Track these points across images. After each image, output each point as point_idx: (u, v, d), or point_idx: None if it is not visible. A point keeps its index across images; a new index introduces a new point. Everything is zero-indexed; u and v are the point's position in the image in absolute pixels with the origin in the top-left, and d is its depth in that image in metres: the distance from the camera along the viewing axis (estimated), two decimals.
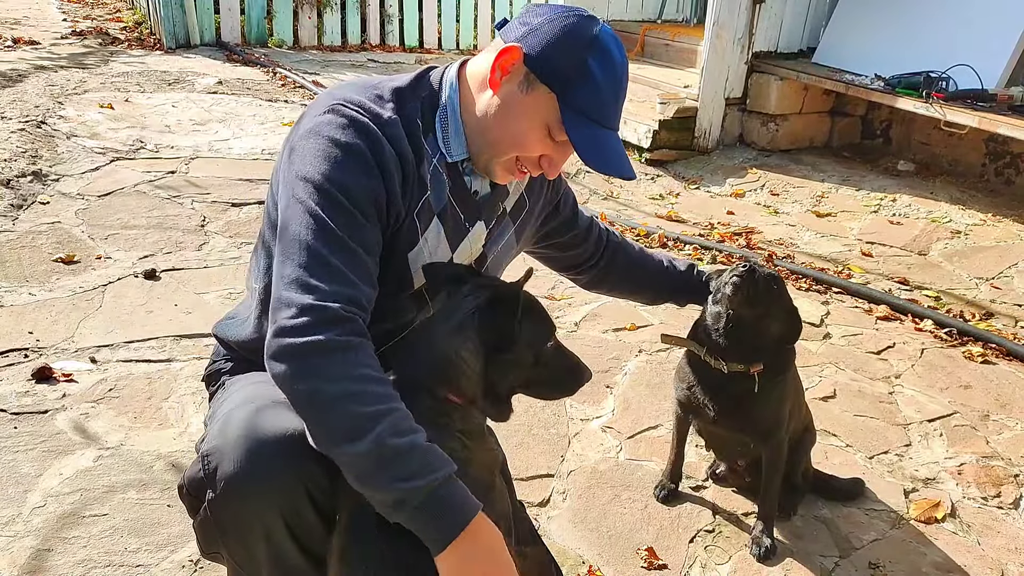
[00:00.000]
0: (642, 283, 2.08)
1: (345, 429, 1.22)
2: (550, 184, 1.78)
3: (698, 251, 4.17)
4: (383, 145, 1.37)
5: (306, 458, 1.30)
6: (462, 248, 1.56)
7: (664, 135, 5.55)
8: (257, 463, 1.28)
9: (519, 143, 1.44)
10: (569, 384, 1.53)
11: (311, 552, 1.39)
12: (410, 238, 1.47)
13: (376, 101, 1.42)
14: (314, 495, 1.34)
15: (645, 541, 2.18)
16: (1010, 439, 2.77)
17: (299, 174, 1.36)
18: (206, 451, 1.33)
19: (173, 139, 5.02)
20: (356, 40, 8.28)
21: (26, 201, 3.90)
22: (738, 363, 2.01)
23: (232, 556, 1.38)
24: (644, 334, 3.26)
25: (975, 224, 4.69)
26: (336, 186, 1.33)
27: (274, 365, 1.27)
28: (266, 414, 1.34)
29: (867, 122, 6.03)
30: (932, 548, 2.23)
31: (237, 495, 1.29)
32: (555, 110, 1.39)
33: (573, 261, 1.98)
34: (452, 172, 1.50)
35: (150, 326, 3.00)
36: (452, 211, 1.52)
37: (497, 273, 1.73)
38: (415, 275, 1.50)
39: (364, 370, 1.26)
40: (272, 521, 1.31)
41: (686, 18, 7.44)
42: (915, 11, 5.31)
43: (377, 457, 1.21)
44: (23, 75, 5.91)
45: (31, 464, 2.26)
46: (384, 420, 1.23)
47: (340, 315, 1.27)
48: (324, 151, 1.35)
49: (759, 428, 2.11)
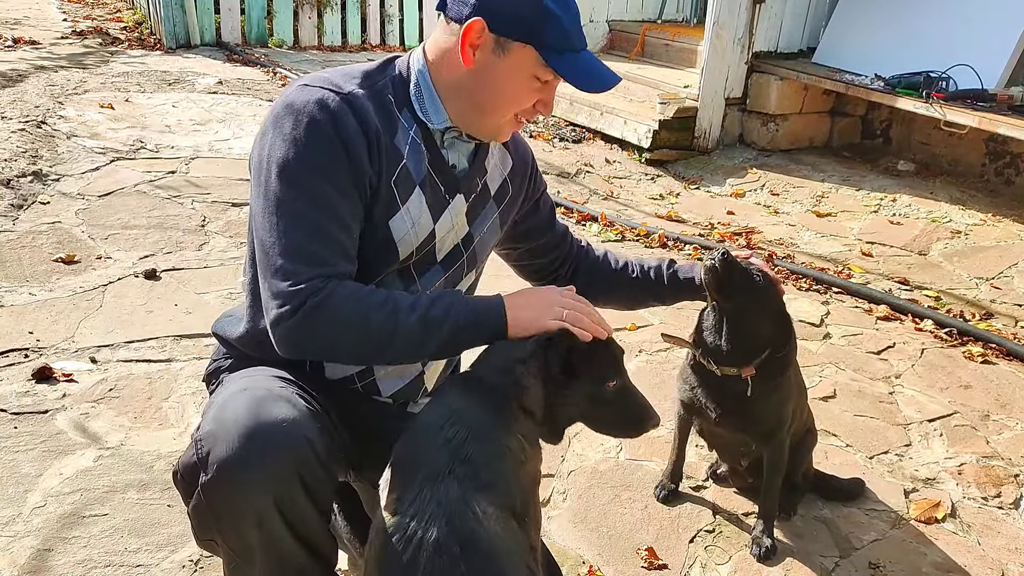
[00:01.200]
0: (613, 286, 1.99)
1: (378, 340, 1.40)
2: (532, 176, 1.81)
3: (698, 251, 4.17)
4: (345, 116, 1.42)
5: (300, 445, 1.32)
6: (443, 220, 1.59)
7: (664, 135, 5.55)
8: (250, 447, 1.29)
9: (515, 100, 1.51)
10: (630, 428, 1.55)
11: (306, 540, 1.39)
12: (389, 205, 1.50)
13: (342, 79, 1.49)
14: (307, 481, 1.35)
15: (645, 541, 2.18)
16: (1010, 439, 2.77)
17: (265, 157, 1.44)
18: (199, 436, 1.35)
19: (173, 139, 5.02)
20: (356, 40, 8.28)
21: (26, 201, 3.90)
22: (729, 366, 2.00)
23: (226, 542, 1.39)
24: (644, 334, 3.26)
25: (975, 224, 4.69)
26: (299, 165, 1.40)
27: (289, 352, 1.42)
28: (261, 401, 1.36)
29: (867, 122, 6.03)
30: (932, 548, 2.23)
31: (230, 478, 1.30)
32: (535, 58, 1.45)
33: (545, 268, 1.95)
34: (430, 144, 1.55)
35: (150, 326, 3.01)
36: (431, 182, 1.56)
37: (482, 258, 1.74)
38: (399, 243, 1.53)
39: (353, 297, 1.40)
40: (265, 506, 1.32)
41: (686, 18, 7.45)
42: (915, 11, 5.31)
43: (413, 331, 1.41)
44: (23, 75, 5.91)
45: (31, 464, 2.26)
46: (392, 308, 1.41)
47: (316, 287, 1.38)
48: (283, 130, 1.42)
49: (761, 429, 2.11)
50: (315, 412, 1.41)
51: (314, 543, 1.41)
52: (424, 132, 1.54)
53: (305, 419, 1.36)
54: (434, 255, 1.62)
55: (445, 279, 1.66)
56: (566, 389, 1.45)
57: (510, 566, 1.24)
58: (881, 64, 5.23)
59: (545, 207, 1.89)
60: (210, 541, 1.42)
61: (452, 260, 1.65)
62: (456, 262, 1.66)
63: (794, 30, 5.96)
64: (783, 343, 2.00)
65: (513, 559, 1.26)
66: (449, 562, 1.20)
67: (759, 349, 1.99)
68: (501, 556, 1.24)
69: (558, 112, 6.21)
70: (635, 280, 1.97)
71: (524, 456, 1.39)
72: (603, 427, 1.56)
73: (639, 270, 1.97)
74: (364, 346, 1.42)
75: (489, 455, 1.33)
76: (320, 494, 1.38)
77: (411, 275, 1.60)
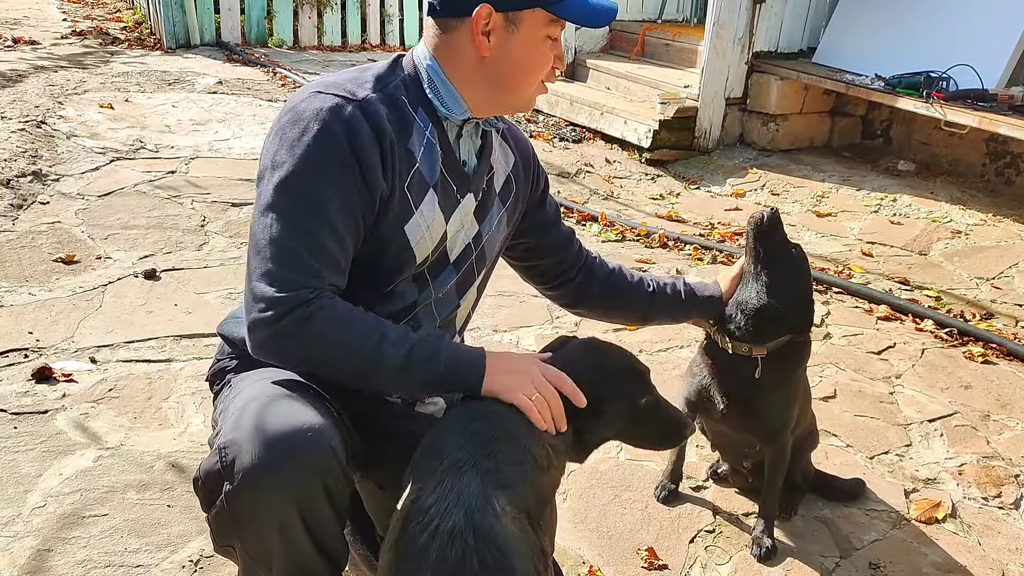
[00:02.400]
0: (625, 296, 1.97)
1: (360, 371, 1.40)
2: (534, 170, 1.80)
3: (698, 251, 4.17)
4: (359, 123, 1.41)
5: (324, 452, 1.32)
6: (454, 220, 1.59)
7: (664, 135, 5.55)
8: (275, 455, 1.29)
9: (539, 66, 1.53)
10: (667, 439, 1.59)
11: (323, 546, 1.39)
12: (404, 211, 1.50)
13: (355, 84, 1.48)
14: (330, 488, 1.34)
15: (645, 541, 2.17)
16: (1011, 439, 2.77)
17: (270, 161, 1.43)
18: (222, 443, 1.34)
19: (173, 139, 5.02)
20: (356, 40, 8.28)
21: (26, 201, 3.90)
22: (743, 342, 1.99)
23: (246, 549, 1.38)
24: (644, 334, 3.26)
25: (975, 224, 4.69)
26: (304, 174, 1.39)
27: (264, 356, 1.42)
28: (282, 407, 1.36)
29: (867, 122, 6.03)
30: (933, 548, 2.23)
31: (255, 487, 1.30)
32: (545, 17, 1.48)
33: (552, 271, 1.92)
34: (444, 144, 1.54)
35: (150, 326, 3.00)
36: (445, 183, 1.55)
37: (491, 257, 1.74)
38: (416, 247, 1.52)
39: (341, 323, 1.39)
40: (288, 513, 1.32)
41: (686, 18, 7.44)
42: (915, 11, 5.31)
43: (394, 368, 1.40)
44: (23, 75, 5.91)
45: (31, 464, 2.26)
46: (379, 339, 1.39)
47: (305, 298, 1.36)
48: (292, 138, 1.41)
49: (765, 428, 2.11)
50: (336, 418, 1.41)
51: (330, 548, 1.41)
52: (439, 131, 1.53)
53: (328, 426, 1.35)
54: (447, 255, 1.61)
55: (457, 279, 1.66)
56: (596, 422, 1.48)
57: (520, 565, 1.24)
58: (881, 64, 5.23)
59: (550, 205, 1.88)
60: (228, 547, 1.42)
61: (463, 259, 1.65)
62: (467, 261, 1.66)
63: (794, 30, 5.95)
64: (803, 327, 2.00)
65: (524, 559, 1.26)
66: (462, 552, 1.20)
67: (777, 328, 1.98)
68: (514, 554, 1.24)
69: (558, 112, 6.21)
70: (650, 295, 1.96)
71: (548, 464, 1.41)
72: (640, 443, 1.61)
73: (655, 285, 1.97)
74: (343, 374, 1.43)
75: (513, 456, 1.35)
76: (340, 500, 1.38)
77: (425, 278, 1.59)
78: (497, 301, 3.39)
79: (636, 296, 1.96)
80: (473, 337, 3.07)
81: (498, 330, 3.21)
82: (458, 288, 1.68)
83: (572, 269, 1.93)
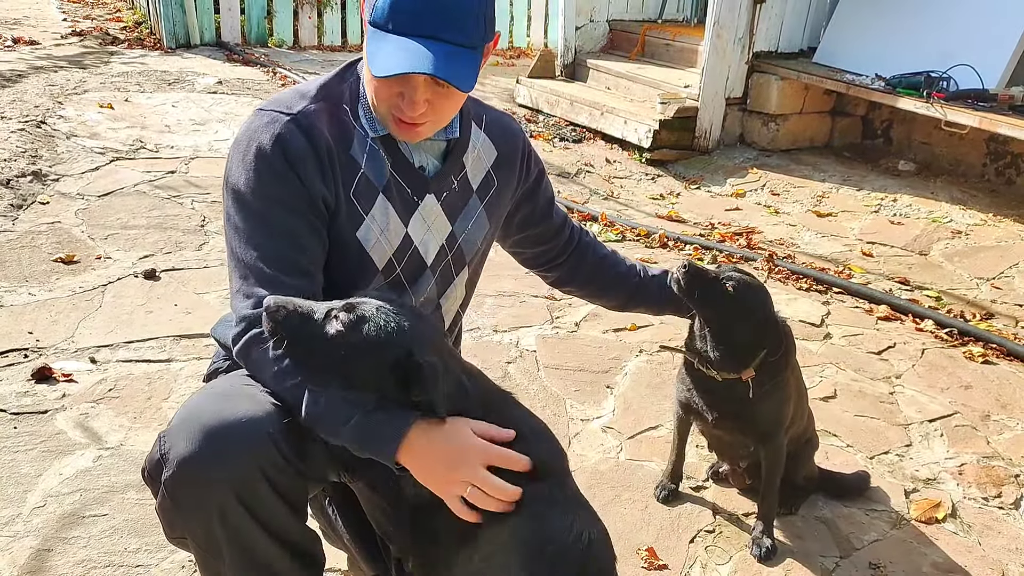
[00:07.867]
0: (610, 284, 2.02)
1: (291, 401, 1.39)
2: (524, 168, 1.79)
3: (698, 251, 4.17)
4: (292, 136, 1.45)
5: (260, 440, 1.34)
6: (415, 222, 1.59)
7: (664, 135, 5.55)
8: (208, 442, 1.31)
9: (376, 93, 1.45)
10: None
11: (277, 534, 1.40)
12: (353, 218, 1.51)
13: (296, 98, 1.50)
14: (271, 475, 1.35)
15: (645, 541, 2.17)
16: (1011, 439, 2.77)
17: (227, 176, 1.50)
18: (163, 433, 1.38)
19: (173, 139, 5.02)
20: (356, 40, 8.27)
21: (26, 201, 3.90)
22: (728, 372, 2.00)
23: (192, 537, 1.40)
24: (644, 334, 3.26)
25: (976, 224, 4.68)
26: (250, 191, 1.45)
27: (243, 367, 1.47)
28: (225, 400, 1.38)
29: (868, 122, 6.03)
30: (933, 548, 2.23)
31: (189, 474, 1.32)
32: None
33: (544, 257, 1.96)
34: (390, 148, 1.54)
35: (150, 326, 3.00)
36: (397, 186, 1.55)
37: (472, 257, 1.73)
38: (371, 253, 1.54)
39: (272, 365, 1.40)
40: (226, 500, 1.33)
41: (686, 18, 7.43)
42: (916, 11, 5.31)
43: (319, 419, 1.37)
44: (23, 75, 5.91)
45: (31, 464, 2.25)
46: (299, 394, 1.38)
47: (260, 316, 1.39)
48: (238, 157, 1.47)
49: (758, 430, 2.11)
50: (281, 408, 1.40)
51: (286, 537, 1.41)
52: (386, 137, 1.53)
53: (268, 415, 1.36)
54: (422, 260, 1.62)
55: (436, 283, 1.66)
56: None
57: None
58: (882, 64, 5.23)
59: (544, 198, 1.88)
60: (180, 538, 1.44)
61: (439, 262, 1.66)
62: (442, 263, 1.66)
63: (795, 30, 5.95)
64: (775, 347, 1.99)
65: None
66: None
67: (750, 353, 1.98)
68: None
69: (558, 112, 6.21)
70: (634, 287, 2.01)
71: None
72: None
73: (641, 278, 2.01)
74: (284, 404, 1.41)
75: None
76: (288, 488, 1.39)
77: (402, 284, 1.60)
78: (497, 301, 3.39)
79: (620, 287, 2.03)
80: (473, 337, 3.07)
81: (498, 330, 3.21)
82: (438, 290, 1.69)
83: (561, 255, 1.96)
